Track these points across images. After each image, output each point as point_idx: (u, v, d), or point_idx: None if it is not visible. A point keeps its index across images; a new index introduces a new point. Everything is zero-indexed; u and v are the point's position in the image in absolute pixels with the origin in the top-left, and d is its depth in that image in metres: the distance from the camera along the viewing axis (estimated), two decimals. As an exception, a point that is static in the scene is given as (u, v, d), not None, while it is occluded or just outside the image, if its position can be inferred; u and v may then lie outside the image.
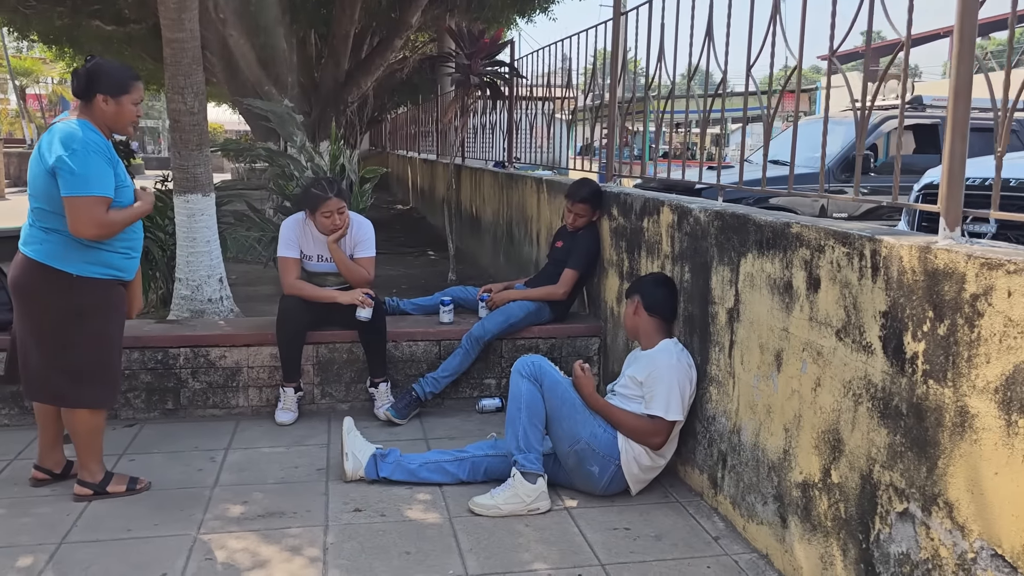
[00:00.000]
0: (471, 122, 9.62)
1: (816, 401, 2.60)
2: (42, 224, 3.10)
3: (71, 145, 2.98)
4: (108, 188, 3.05)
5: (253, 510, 3.26)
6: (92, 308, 3.17)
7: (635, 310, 3.56)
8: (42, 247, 3.09)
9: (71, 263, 3.10)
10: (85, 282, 3.12)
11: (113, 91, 3.12)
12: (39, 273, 3.10)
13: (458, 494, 3.43)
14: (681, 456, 3.58)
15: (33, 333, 3.18)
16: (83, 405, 3.24)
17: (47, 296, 3.12)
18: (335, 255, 4.22)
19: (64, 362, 3.17)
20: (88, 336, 3.18)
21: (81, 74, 3.11)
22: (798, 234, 2.68)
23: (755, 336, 2.97)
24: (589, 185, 4.57)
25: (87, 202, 2.99)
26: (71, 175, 2.96)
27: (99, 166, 3.01)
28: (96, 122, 3.13)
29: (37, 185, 3.07)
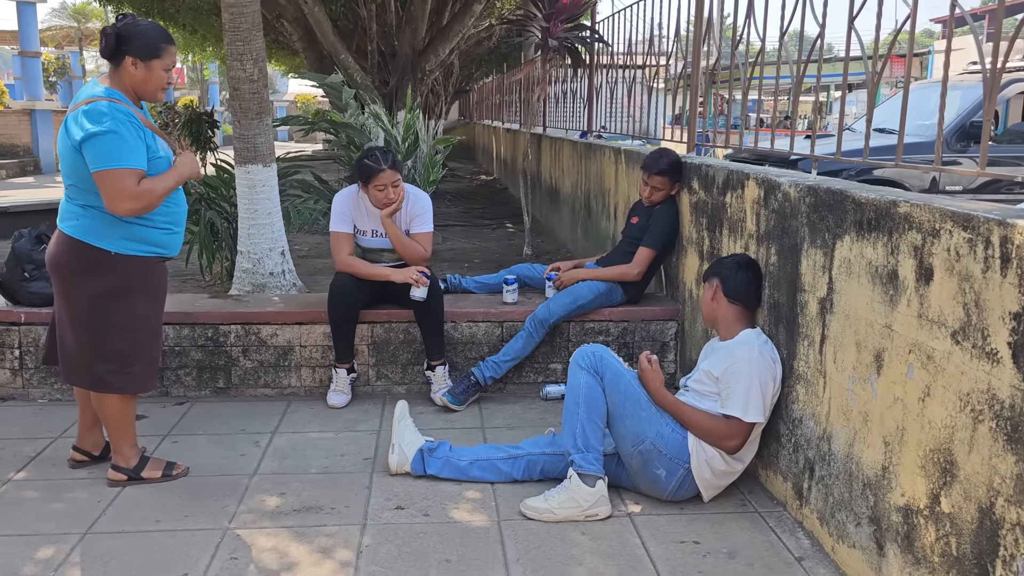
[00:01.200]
0: (553, 90, 9.23)
1: (924, 413, 2.18)
2: (78, 201, 2.93)
3: (96, 119, 2.78)
4: (139, 160, 2.84)
5: (289, 503, 3.04)
6: (130, 288, 2.99)
7: (713, 295, 3.17)
8: (79, 223, 2.92)
9: (109, 240, 2.92)
10: (123, 260, 2.95)
11: (143, 54, 2.89)
12: (76, 250, 2.93)
13: (510, 493, 3.13)
14: (762, 459, 3.19)
15: (69, 313, 3.02)
16: (116, 390, 3.06)
17: (83, 275, 2.95)
18: (389, 230, 3.95)
19: (99, 345, 2.99)
20: (125, 318, 3.00)
21: (110, 34, 2.87)
22: (907, 215, 2.24)
23: (851, 331, 2.55)
24: (668, 156, 4.16)
25: (117, 175, 2.78)
26: (98, 149, 2.77)
27: (127, 138, 2.81)
28: (123, 88, 2.92)
29: (66, 162, 2.88)
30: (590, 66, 7.00)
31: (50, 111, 19.97)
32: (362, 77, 8.81)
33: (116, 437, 3.15)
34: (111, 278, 2.95)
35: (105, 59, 2.93)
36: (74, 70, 33.23)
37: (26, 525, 2.85)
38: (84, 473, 3.27)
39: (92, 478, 3.23)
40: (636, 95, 6.25)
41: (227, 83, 5.12)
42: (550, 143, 9.09)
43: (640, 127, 6.35)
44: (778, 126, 14.02)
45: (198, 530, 2.83)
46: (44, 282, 4.05)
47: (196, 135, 11.17)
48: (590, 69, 7.00)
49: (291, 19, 9.36)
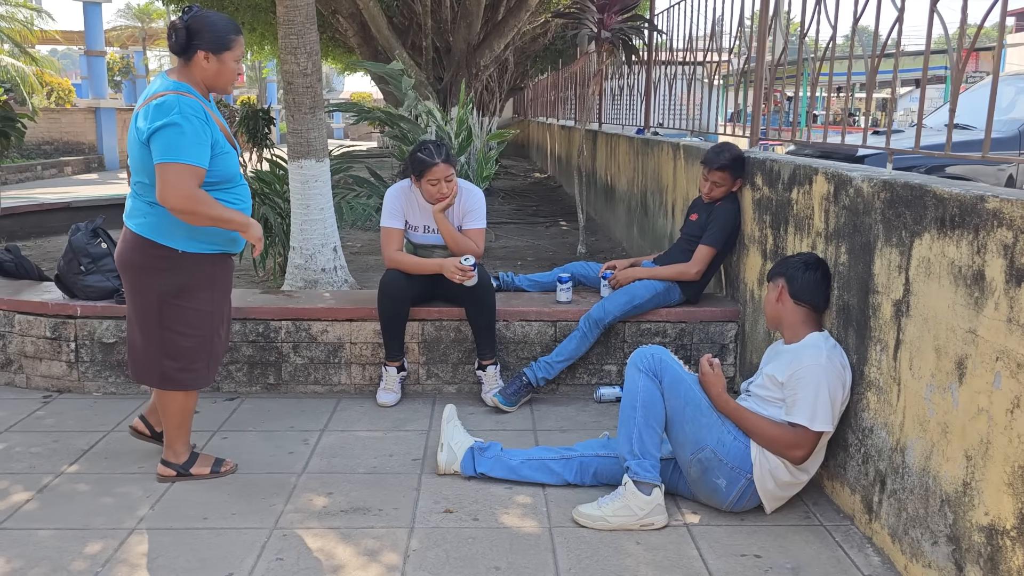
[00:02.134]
0: (609, 85, 9.08)
1: (1013, 426, 2.01)
2: (145, 198, 2.90)
3: (164, 112, 2.74)
4: (202, 158, 2.80)
5: (337, 503, 2.98)
6: (197, 286, 2.98)
7: (779, 296, 3.01)
8: (146, 220, 2.91)
9: (175, 238, 2.90)
10: (190, 258, 2.93)
11: (215, 47, 2.85)
12: (143, 248, 2.92)
13: (562, 498, 3.02)
14: (828, 470, 3.03)
15: (137, 311, 3.02)
16: (183, 387, 3.07)
17: (151, 272, 2.94)
18: (441, 226, 3.87)
19: (167, 342, 2.99)
20: (192, 315, 2.99)
21: (180, 28, 2.83)
22: (996, 211, 2.07)
23: (929, 336, 2.38)
24: (729, 150, 3.99)
25: (177, 169, 2.74)
26: (164, 143, 2.74)
27: (195, 134, 2.77)
28: (194, 82, 2.88)
29: (135, 158, 2.86)
30: (647, 60, 6.84)
31: (114, 109, 20.48)
32: (416, 73, 8.78)
33: (172, 432, 3.14)
34: (179, 276, 2.94)
35: (175, 54, 2.89)
36: (138, 69, 34.11)
37: (76, 519, 2.85)
38: (135, 468, 3.26)
39: (142, 472, 3.22)
40: (695, 91, 6.08)
41: (281, 78, 5.10)
42: (606, 139, 8.94)
43: (698, 124, 6.19)
44: (843, 122, 13.64)
45: (245, 529, 2.79)
46: (100, 275, 4.08)
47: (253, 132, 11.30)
48: (647, 63, 6.84)
49: (346, 14, 9.38)
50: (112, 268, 4.11)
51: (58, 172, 18.05)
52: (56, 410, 3.88)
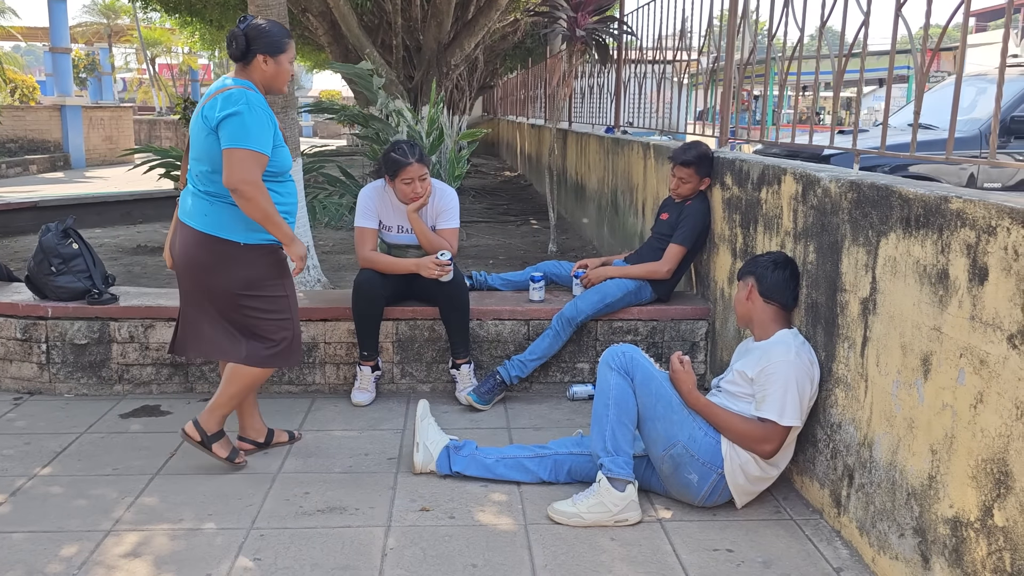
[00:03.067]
0: (579, 84, 9.12)
1: (976, 421, 2.07)
2: (206, 189, 3.04)
3: (236, 103, 2.92)
4: (267, 146, 2.97)
5: (314, 503, 2.98)
6: (265, 274, 3.12)
7: (748, 295, 3.07)
8: (207, 218, 3.04)
9: (236, 231, 3.03)
10: (253, 250, 3.07)
11: (272, 50, 3.06)
12: (208, 245, 3.04)
13: (537, 496, 3.06)
14: (798, 465, 3.09)
15: (216, 304, 3.11)
16: (273, 365, 3.20)
17: (218, 269, 3.05)
18: (415, 226, 3.88)
19: (252, 327, 3.12)
20: (266, 302, 3.12)
21: (239, 36, 3.02)
22: (959, 211, 2.14)
23: (896, 333, 2.44)
24: (696, 148, 4.05)
25: (244, 155, 2.91)
26: (234, 129, 2.90)
27: (261, 123, 2.95)
28: (255, 83, 3.07)
29: (200, 147, 3.01)
30: (618, 59, 6.89)
31: (80, 107, 20.14)
32: (387, 72, 8.75)
33: (223, 403, 3.20)
34: (245, 268, 3.07)
35: (235, 60, 3.06)
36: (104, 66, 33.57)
37: (51, 521, 2.83)
38: (108, 469, 3.24)
39: (116, 474, 3.20)
40: (664, 90, 6.14)
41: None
42: (576, 138, 8.99)
43: (667, 122, 6.25)
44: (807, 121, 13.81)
45: (222, 529, 2.79)
46: (71, 276, 4.04)
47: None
48: (618, 63, 6.89)
49: (316, 13, 9.32)
50: (83, 269, 4.07)
51: (23, 171, 17.72)
52: (27, 412, 3.84)
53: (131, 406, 3.93)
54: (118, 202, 8.96)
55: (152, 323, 4.03)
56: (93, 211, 8.65)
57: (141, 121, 26.00)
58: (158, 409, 3.90)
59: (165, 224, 8.75)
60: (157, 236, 8.11)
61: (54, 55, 20.32)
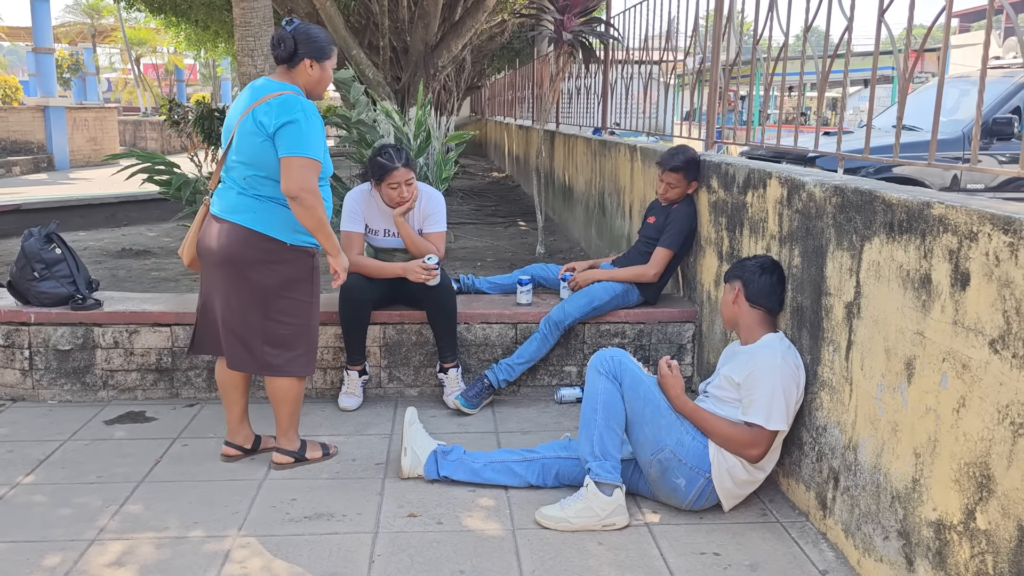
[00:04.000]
0: (566, 86, 9.14)
1: (959, 425, 2.09)
2: (256, 192, 3.05)
3: (293, 110, 2.93)
4: (320, 152, 3.01)
5: (299, 510, 2.97)
6: (302, 277, 3.15)
7: (735, 298, 3.07)
8: (255, 215, 3.05)
9: (283, 231, 3.06)
10: (297, 251, 3.10)
11: (319, 56, 3.07)
12: (254, 241, 3.05)
13: (525, 500, 3.06)
14: (784, 467, 3.11)
15: (242, 302, 3.12)
16: (292, 373, 3.20)
17: (260, 265, 3.07)
18: (402, 230, 3.88)
19: (271, 331, 3.13)
20: (295, 305, 3.15)
21: (287, 38, 3.01)
22: (942, 216, 2.15)
23: (880, 337, 2.46)
24: (684, 152, 4.06)
25: (303, 162, 2.92)
26: (294, 137, 2.91)
27: (318, 132, 2.99)
28: (300, 87, 3.07)
29: (253, 152, 3.00)
30: (604, 61, 6.90)
31: (63, 108, 19.97)
32: (374, 73, 8.74)
33: (287, 420, 3.28)
34: (287, 268, 3.10)
35: (281, 62, 3.06)
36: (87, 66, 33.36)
37: (34, 531, 2.80)
38: (93, 477, 3.22)
39: (101, 482, 3.18)
40: (651, 91, 6.16)
41: (238, 79, 5.06)
42: (563, 140, 9.00)
43: (654, 124, 6.26)
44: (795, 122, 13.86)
45: (208, 538, 2.77)
46: (54, 281, 4.01)
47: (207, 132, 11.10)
48: (604, 64, 6.90)
49: (303, 14, 9.28)
50: (67, 274, 4.04)
51: (6, 172, 17.56)
52: (10, 419, 3.81)
53: (116, 412, 3.90)
54: (102, 204, 8.89)
55: (137, 328, 4.01)
56: (77, 214, 8.59)
57: (126, 122, 25.83)
58: (143, 415, 3.87)
59: (150, 226, 8.72)
60: (142, 239, 8.07)
61: (37, 55, 20.16)
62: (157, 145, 25.19)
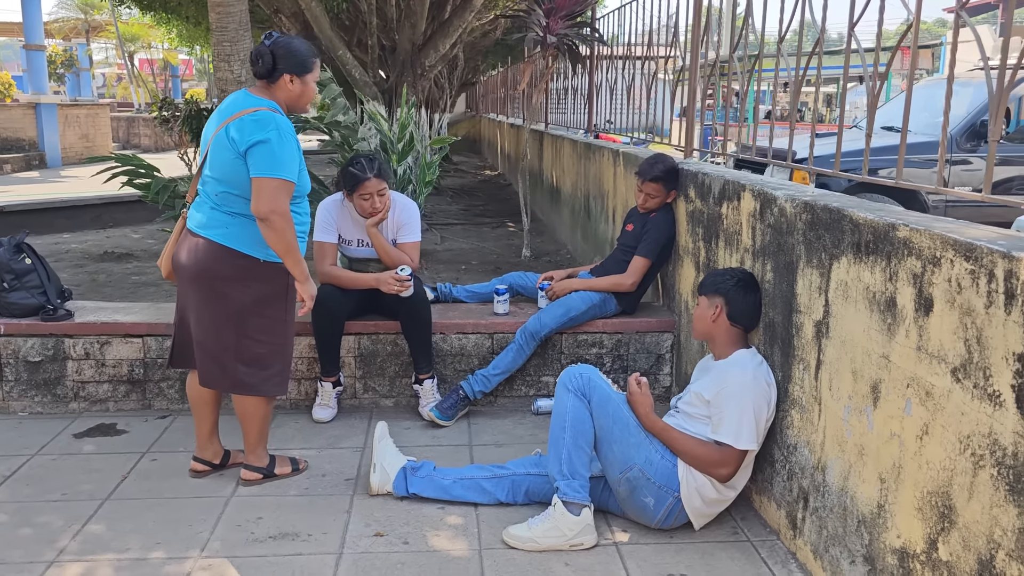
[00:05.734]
0: (554, 86, 9.08)
1: (922, 452, 2.05)
2: (227, 208, 2.99)
3: (268, 128, 2.86)
4: (294, 173, 2.93)
5: (264, 529, 2.93)
6: (275, 294, 3.09)
7: (715, 316, 2.97)
8: (228, 231, 2.98)
9: (256, 248, 2.99)
10: (269, 268, 3.02)
11: (299, 70, 2.99)
12: (226, 258, 2.98)
13: (494, 518, 3.02)
14: (757, 484, 3.07)
15: (215, 320, 3.05)
16: (257, 393, 3.14)
17: (233, 282, 3.00)
18: (374, 240, 3.83)
19: (243, 349, 3.07)
20: (269, 323, 3.09)
21: (266, 53, 2.93)
22: (906, 240, 2.11)
23: (847, 358, 2.42)
24: (663, 162, 4.02)
25: (275, 184, 2.86)
26: (266, 158, 2.85)
27: (292, 151, 2.91)
28: (279, 102, 2.99)
29: (225, 168, 2.93)
30: (590, 63, 6.85)
31: (55, 105, 19.87)
32: (360, 73, 8.68)
33: (254, 438, 3.22)
34: (261, 285, 3.04)
35: (261, 78, 2.98)
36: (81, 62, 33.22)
37: (-8, 552, 2.76)
38: (58, 495, 3.17)
39: (65, 499, 3.13)
40: (645, 88, 6.07)
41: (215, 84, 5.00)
42: (551, 141, 8.95)
43: (648, 121, 6.18)
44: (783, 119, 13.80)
45: (169, 559, 2.73)
46: (24, 292, 3.96)
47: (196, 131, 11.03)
48: (590, 67, 6.85)
49: (288, 14, 9.23)
50: (37, 284, 4.00)
51: (-4, 170, 17.49)
52: (-23, 433, 3.77)
53: (86, 424, 3.86)
54: (88, 206, 8.82)
55: (108, 339, 3.96)
56: (62, 215, 8.54)
57: (119, 118, 25.71)
58: (114, 428, 3.83)
59: (135, 228, 8.66)
60: (126, 241, 8.01)
61: (28, 52, 20.02)
62: (150, 142, 25.07)
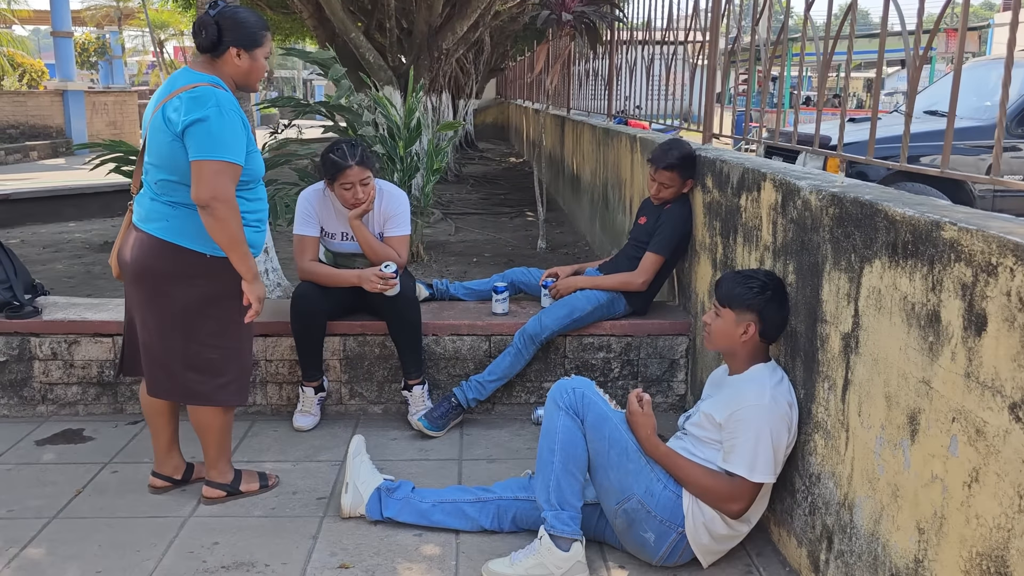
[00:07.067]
0: (577, 69, 8.69)
1: (971, 503, 1.67)
2: (168, 198, 2.67)
3: (205, 105, 2.53)
4: (239, 155, 2.61)
5: (218, 557, 2.62)
6: (225, 293, 2.73)
7: (747, 333, 2.50)
8: (169, 223, 2.67)
9: (202, 241, 2.66)
10: (218, 263, 2.68)
11: (247, 44, 2.68)
12: (168, 253, 2.68)
13: (475, 548, 2.68)
14: (776, 514, 2.70)
15: (160, 322, 2.75)
16: (210, 402, 2.84)
17: (176, 280, 2.70)
18: (358, 234, 3.50)
19: (195, 355, 2.77)
20: (221, 324, 2.77)
21: (209, 24, 2.62)
22: (953, 241, 1.73)
23: (880, 380, 2.04)
24: (679, 147, 3.63)
25: (216, 167, 2.54)
26: (204, 138, 2.53)
27: (234, 129, 2.58)
28: (224, 78, 2.68)
29: (162, 154, 2.62)
30: (609, 44, 6.45)
31: (82, 92, 19.85)
32: (375, 57, 8.35)
33: (213, 451, 2.94)
34: (207, 283, 2.72)
35: (204, 51, 2.66)
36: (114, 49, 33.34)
37: (-83, 580, 2.49)
38: (3, 511, 2.90)
39: (10, 517, 2.85)
40: (671, 72, 5.64)
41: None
42: (572, 126, 8.56)
43: (680, 107, 5.73)
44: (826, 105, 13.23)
45: (105, 593, 2.44)
46: (-12, 288, 3.70)
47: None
48: (609, 48, 6.45)
49: (302, -6, 8.92)
50: (3, 279, 3.74)
51: (23, 157, 17.47)
52: (-66, 439, 3.52)
53: (52, 430, 3.59)
54: (96, 193, 8.61)
55: (76, 339, 3.69)
56: (70, 203, 8.35)
57: (147, 105, 25.69)
58: (80, 434, 3.56)
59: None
60: (132, 230, 7.79)
61: (56, 39, 20.03)
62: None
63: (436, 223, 8.17)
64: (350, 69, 8.27)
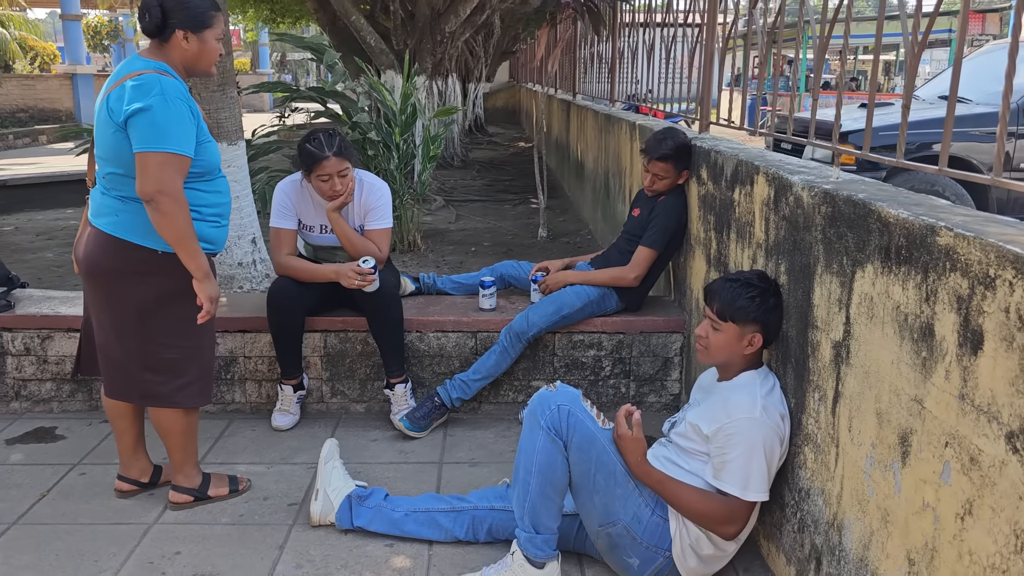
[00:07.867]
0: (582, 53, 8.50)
1: (964, 538, 1.52)
2: (117, 192, 2.55)
3: (148, 94, 2.39)
4: (188, 146, 2.46)
5: (178, 569, 2.51)
6: (181, 290, 2.59)
7: (751, 344, 2.34)
8: (118, 219, 2.55)
9: (154, 237, 2.53)
10: (172, 259, 2.54)
11: (194, 25, 2.53)
12: (117, 250, 2.55)
13: (448, 561, 2.56)
14: (765, 527, 2.55)
15: (113, 321, 2.63)
16: (170, 404, 2.72)
17: (129, 278, 2.58)
18: (336, 227, 3.36)
19: (152, 355, 2.66)
20: (178, 323, 2.64)
21: (153, 6, 2.47)
22: (948, 249, 1.56)
23: (871, 395, 1.88)
24: (673, 137, 3.46)
25: (162, 159, 2.40)
26: (147, 128, 2.38)
27: (180, 118, 2.44)
28: (173, 64, 2.54)
29: (107, 146, 2.48)
30: (612, 28, 6.26)
31: (92, 75, 19.84)
32: (376, 40, 8.18)
33: (178, 455, 2.83)
34: (161, 280, 2.59)
35: (149, 35, 2.52)
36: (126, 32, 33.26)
37: None
38: (-41, 518, 2.80)
39: (-35, 525, 2.75)
40: (675, 55, 5.44)
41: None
42: (577, 111, 8.37)
43: (693, 92, 5.53)
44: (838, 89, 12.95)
45: (56, 608, 2.33)
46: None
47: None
48: (612, 31, 6.25)
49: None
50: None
51: (32, 141, 17.47)
52: (-98, 437, 3.42)
53: (23, 428, 3.49)
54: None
55: (50, 334, 3.58)
56: (68, 189, 8.24)
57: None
58: (52, 432, 3.46)
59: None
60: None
61: (65, 22, 19.98)
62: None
63: (437, 210, 8.02)
64: (355, 53, 8.13)
